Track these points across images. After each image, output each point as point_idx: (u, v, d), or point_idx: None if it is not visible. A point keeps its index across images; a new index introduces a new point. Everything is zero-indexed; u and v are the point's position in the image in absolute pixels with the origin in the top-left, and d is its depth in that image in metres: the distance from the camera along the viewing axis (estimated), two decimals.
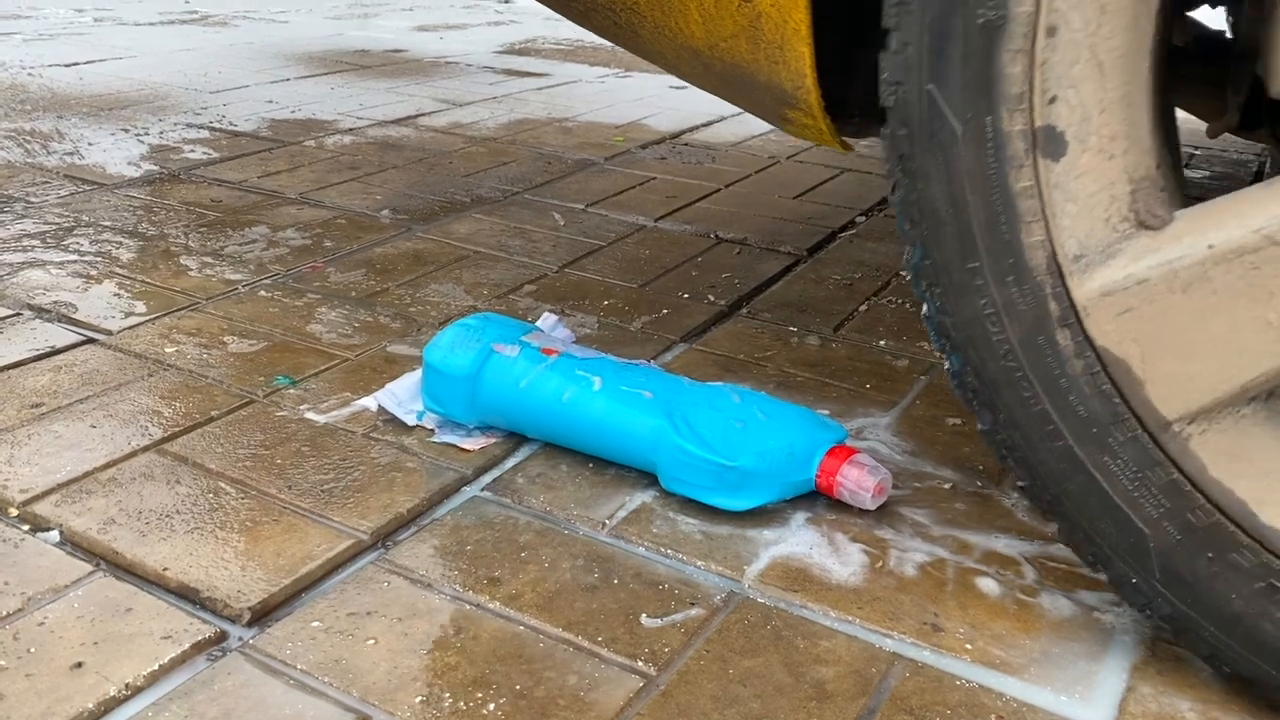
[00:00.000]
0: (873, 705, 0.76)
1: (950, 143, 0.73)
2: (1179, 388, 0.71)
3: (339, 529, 0.93)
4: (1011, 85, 0.70)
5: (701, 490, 0.97)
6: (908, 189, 0.76)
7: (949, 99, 0.72)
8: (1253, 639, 0.73)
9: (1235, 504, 0.71)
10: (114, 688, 0.75)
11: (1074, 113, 0.70)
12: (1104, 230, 0.72)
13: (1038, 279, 0.73)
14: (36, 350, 1.24)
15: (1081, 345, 0.73)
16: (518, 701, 0.75)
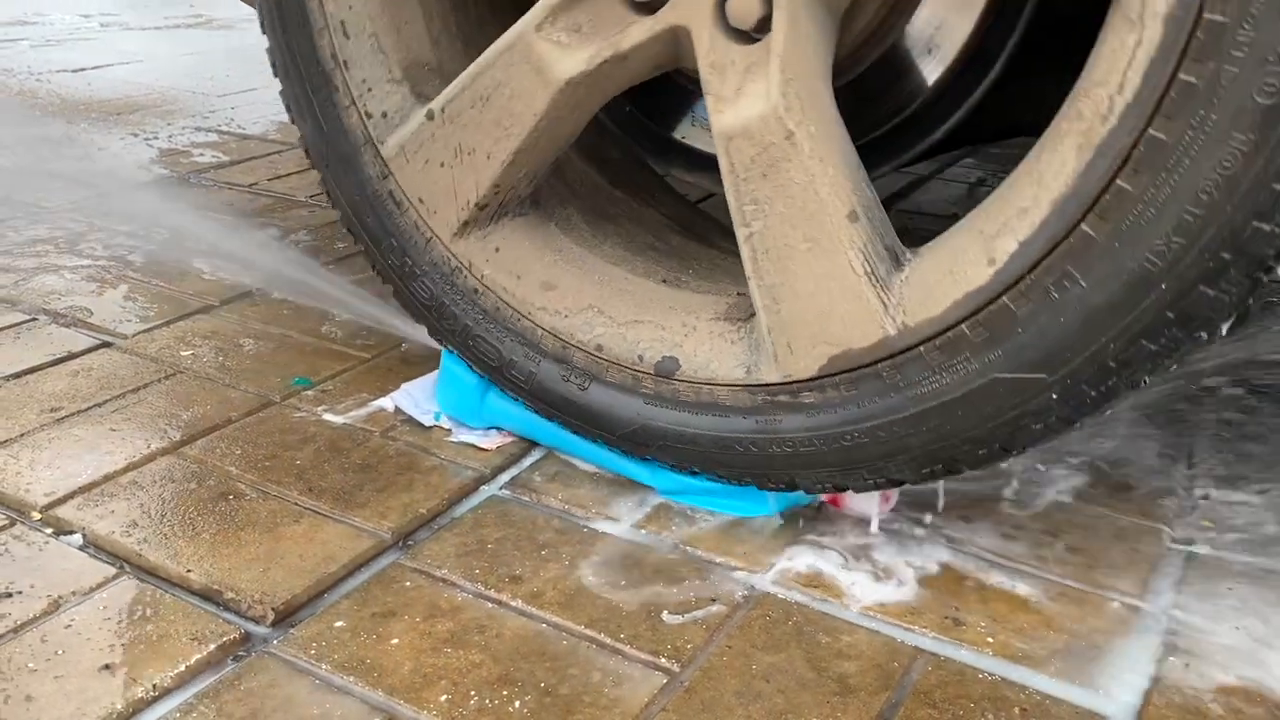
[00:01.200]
0: (896, 699, 0.77)
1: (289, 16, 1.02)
2: (445, 216, 1.00)
3: (360, 529, 0.94)
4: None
5: (703, 498, 0.97)
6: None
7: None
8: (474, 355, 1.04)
9: (502, 284, 1.01)
10: (142, 689, 0.76)
11: (349, 9, 0.98)
12: (397, 100, 1.01)
13: (359, 140, 1.02)
14: (54, 355, 1.24)
15: (398, 193, 1.02)
16: (543, 699, 0.76)
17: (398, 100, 1.01)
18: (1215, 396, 1.22)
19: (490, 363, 1.02)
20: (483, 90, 0.95)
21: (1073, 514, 0.98)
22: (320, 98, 1.03)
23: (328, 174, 1.06)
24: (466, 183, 0.98)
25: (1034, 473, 1.05)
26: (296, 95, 1.05)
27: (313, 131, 1.06)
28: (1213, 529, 0.97)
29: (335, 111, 1.03)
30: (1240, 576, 0.90)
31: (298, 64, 1.03)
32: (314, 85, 1.03)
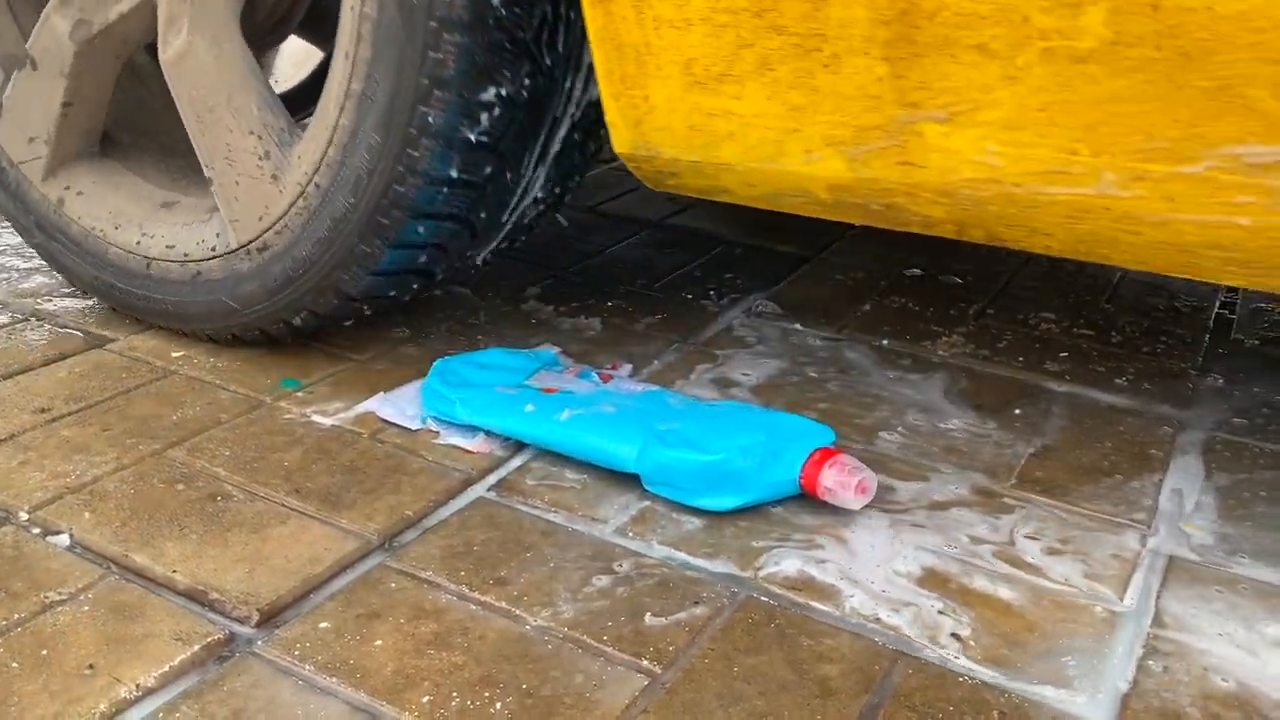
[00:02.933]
0: (876, 702, 0.77)
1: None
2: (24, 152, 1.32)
3: (346, 531, 0.94)
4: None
5: (684, 492, 0.97)
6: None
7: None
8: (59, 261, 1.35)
9: (80, 213, 1.31)
10: (126, 689, 0.76)
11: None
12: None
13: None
14: (45, 356, 1.25)
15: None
16: (524, 700, 0.76)
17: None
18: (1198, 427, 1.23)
19: (90, 270, 1.32)
20: (36, 57, 1.26)
21: (1055, 518, 0.99)
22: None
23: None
24: (39, 131, 1.29)
25: (1016, 473, 1.05)
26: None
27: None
28: (1196, 533, 0.97)
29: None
30: (1223, 582, 0.91)
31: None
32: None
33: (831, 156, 0.94)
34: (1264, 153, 0.78)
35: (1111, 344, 1.36)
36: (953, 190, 0.91)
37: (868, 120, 0.90)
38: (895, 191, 0.95)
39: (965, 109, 0.86)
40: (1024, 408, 1.19)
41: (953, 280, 1.57)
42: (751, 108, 0.95)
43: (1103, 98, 0.82)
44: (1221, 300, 1.53)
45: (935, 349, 1.33)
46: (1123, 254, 0.93)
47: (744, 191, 1.06)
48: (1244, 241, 0.84)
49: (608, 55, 0.99)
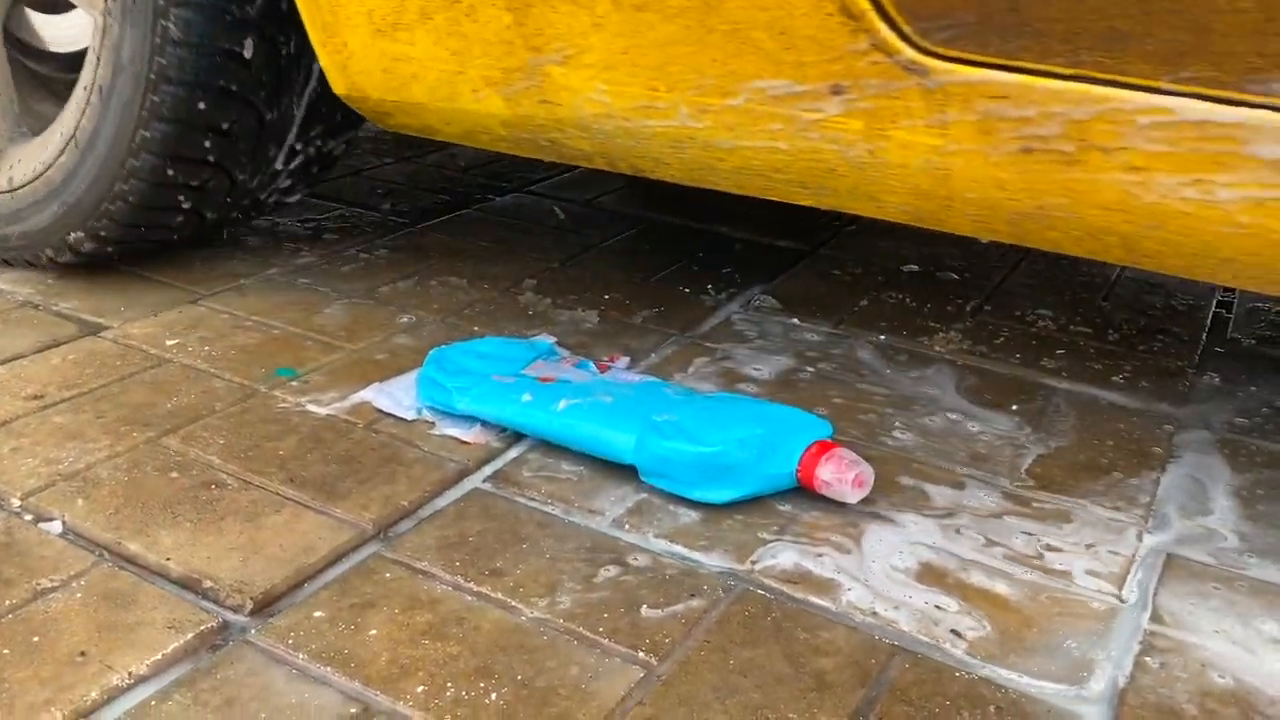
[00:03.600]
0: (872, 696, 0.77)
1: None
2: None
3: (341, 520, 0.94)
4: None
5: (681, 484, 0.97)
6: None
7: None
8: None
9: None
10: (118, 676, 0.75)
11: None
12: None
13: None
14: (38, 343, 1.24)
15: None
16: (520, 691, 0.76)
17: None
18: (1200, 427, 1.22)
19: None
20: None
21: (1053, 514, 0.99)
22: None
23: None
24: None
25: (1014, 470, 1.05)
26: None
27: None
28: (1193, 530, 0.97)
29: None
30: (1220, 579, 0.91)
31: None
32: None
33: (492, 95, 1.07)
34: (776, 86, 0.92)
35: (1109, 342, 1.36)
36: (587, 125, 1.04)
37: (509, 63, 1.04)
38: (548, 127, 1.08)
39: (573, 53, 1.00)
40: (1021, 404, 1.19)
41: (949, 276, 1.56)
42: (424, 53, 1.08)
43: (662, 41, 0.95)
44: (1218, 299, 1.53)
45: (933, 345, 1.33)
46: (721, 179, 1.07)
47: (445, 129, 1.20)
48: (789, 164, 0.98)
49: (308, 6, 1.12)
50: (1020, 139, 0.86)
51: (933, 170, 0.91)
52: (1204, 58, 0.77)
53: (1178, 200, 0.84)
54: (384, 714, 0.74)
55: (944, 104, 0.87)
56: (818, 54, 0.89)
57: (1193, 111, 0.79)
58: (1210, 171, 0.81)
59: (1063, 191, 0.88)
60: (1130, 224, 0.88)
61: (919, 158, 0.91)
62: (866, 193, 0.98)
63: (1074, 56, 0.81)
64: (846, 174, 0.97)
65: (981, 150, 0.88)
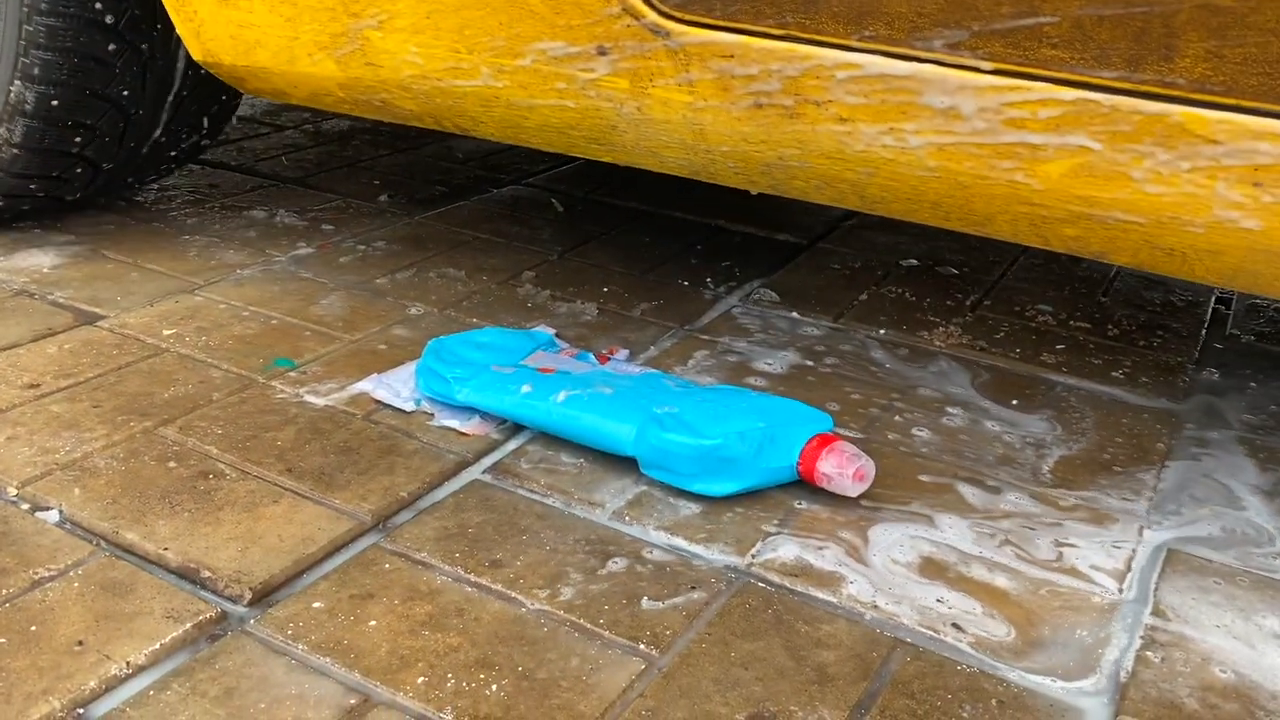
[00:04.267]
0: (874, 689, 0.77)
1: None
2: None
3: (339, 511, 0.93)
4: None
5: (681, 477, 0.97)
6: None
7: None
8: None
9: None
10: (116, 666, 0.75)
11: None
12: None
13: None
14: (35, 332, 1.23)
15: None
16: (520, 683, 0.75)
17: None
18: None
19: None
20: None
21: (1054, 509, 0.99)
22: None
23: None
24: None
25: (1014, 465, 1.05)
26: None
27: None
28: (1192, 526, 0.97)
29: None
30: (1221, 574, 0.91)
31: None
32: None
33: (325, 60, 1.14)
34: (554, 47, 0.99)
35: (1108, 337, 1.36)
36: (408, 85, 1.11)
37: (334, 28, 1.10)
38: (376, 88, 1.15)
39: (386, 18, 1.06)
40: (1019, 399, 1.19)
41: (949, 271, 1.56)
42: (262, 19, 1.15)
43: (458, 5, 1.01)
44: (1218, 295, 1.53)
45: (932, 340, 1.33)
46: (531, 136, 1.14)
47: (293, 92, 1.26)
48: (579, 121, 1.05)
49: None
50: (751, 94, 0.93)
51: (690, 125, 0.98)
52: (879, 18, 0.85)
53: (880, 148, 0.92)
54: (384, 705, 0.73)
55: (687, 64, 0.93)
56: (581, 17, 0.95)
57: (875, 66, 0.88)
58: (899, 121, 0.89)
59: (793, 143, 0.95)
60: (852, 172, 0.96)
61: (676, 114, 0.97)
62: (648, 148, 1.05)
63: (780, 18, 0.88)
64: (627, 130, 1.03)
65: (723, 106, 0.95)
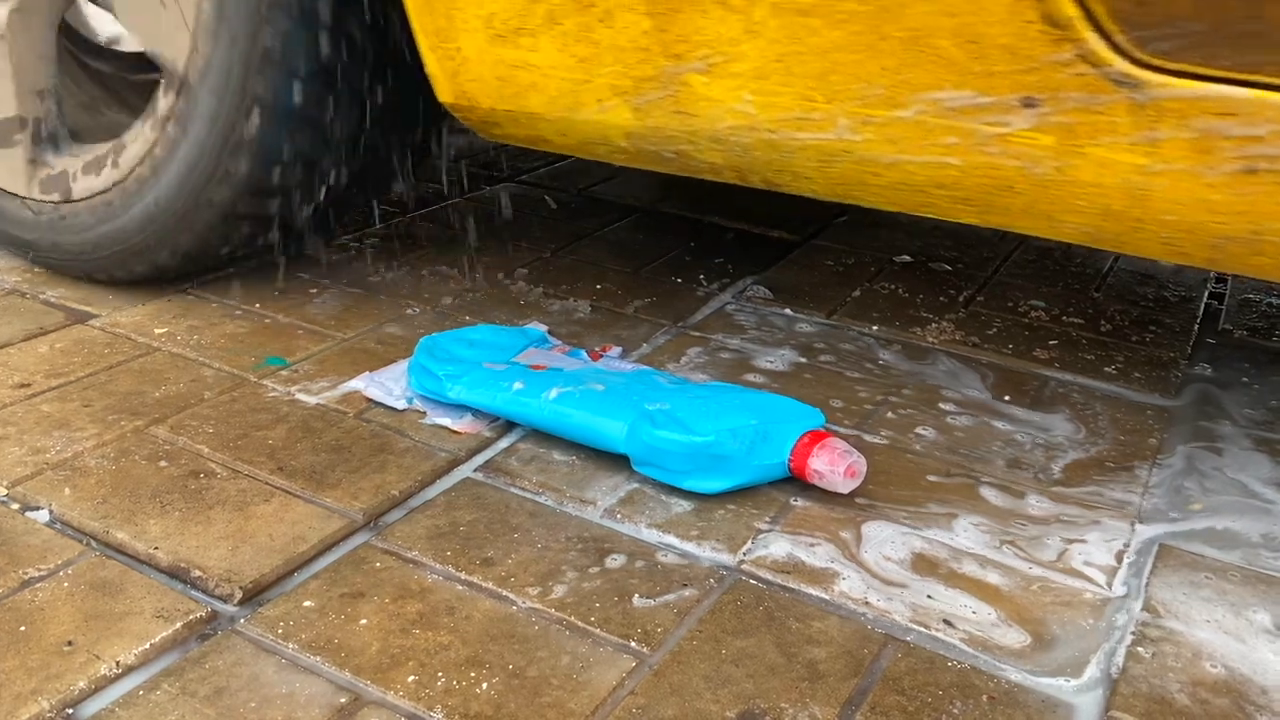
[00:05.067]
0: (865, 686, 0.77)
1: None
2: None
3: (331, 509, 0.93)
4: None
5: (673, 474, 0.96)
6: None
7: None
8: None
9: None
10: (105, 666, 0.75)
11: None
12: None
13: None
14: (25, 331, 1.23)
15: None
16: (511, 681, 0.75)
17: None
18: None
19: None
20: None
21: (1045, 504, 0.99)
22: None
23: None
24: None
25: (1005, 460, 1.05)
26: None
27: None
28: (1186, 521, 0.97)
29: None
30: (1212, 569, 0.91)
31: None
32: None
33: (620, 106, 1.02)
34: (956, 97, 0.87)
35: (1101, 332, 1.36)
36: (723, 137, 0.99)
37: (642, 71, 0.98)
38: (678, 139, 1.02)
39: (719, 60, 0.94)
40: (1011, 394, 1.19)
41: (942, 267, 1.56)
42: (547, 60, 1.02)
43: (826, 48, 0.89)
44: (1210, 290, 1.53)
45: (925, 336, 1.32)
46: (873, 195, 1.01)
47: (559, 140, 1.13)
48: (958, 181, 0.92)
49: (420, 10, 1.05)
50: (1244, 159, 0.80)
51: (1130, 191, 0.85)
52: None
53: None
54: (374, 704, 0.73)
55: (1155, 120, 0.80)
56: (1010, 64, 0.83)
57: None
58: None
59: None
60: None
61: (1116, 177, 0.85)
62: (1043, 212, 0.92)
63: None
64: (1024, 191, 0.91)
65: (1194, 170, 0.82)
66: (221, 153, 1.18)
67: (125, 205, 1.25)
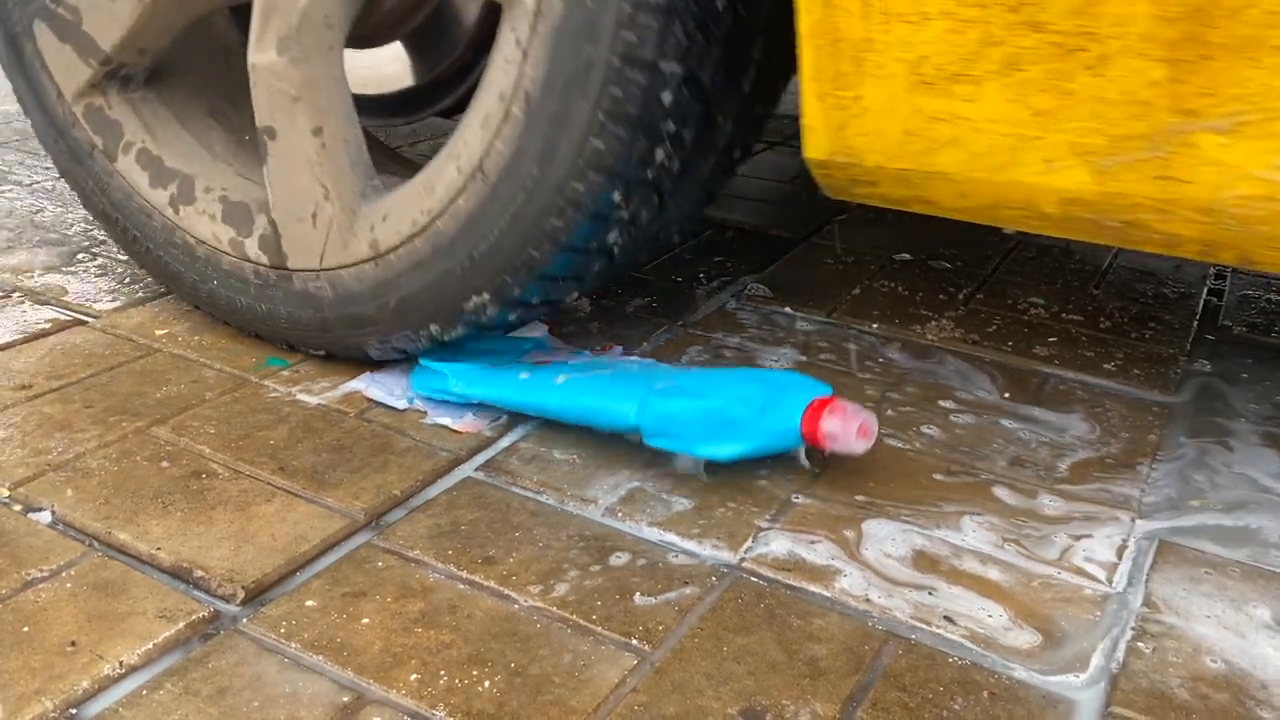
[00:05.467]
0: (866, 682, 0.77)
1: None
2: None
3: (332, 509, 0.93)
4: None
5: (686, 440, 0.96)
6: None
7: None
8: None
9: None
10: (108, 666, 0.75)
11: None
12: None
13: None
14: (26, 332, 1.23)
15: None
16: (513, 679, 0.76)
17: None
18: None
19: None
20: None
21: (1045, 501, 0.99)
22: None
23: None
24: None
25: (1005, 456, 1.05)
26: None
27: None
28: (1185, 517, 0.97)
29: None
30: (1212, 565, 0.91)
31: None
32: None
33: (1076, 168, 0.86)
34: None
35: (1100, 329, 1.36)
36: (1218, 208, 0.84)
37: (1129, 129, 0.83)
38: (1142, 207, 0.87)
39: (1255, 119, 0.79)
40: (1012, 392, 1.19)
41: (942, 265, 1.56)
42: (985, 112, 0.87)
43: None
44: (1210, 287, 1.53)
45: (925, 333, 1.33)
46: None
47: (952, 203, 0.98)
48: None
49: (819, 52, 0.90)
50: None
51: None
52: None
53: None
54: (377, 702, 0.73)
55: None
56: None
57: None
58: None
59: None
60: None
61: None
62: None
63: None
64: None
65: None
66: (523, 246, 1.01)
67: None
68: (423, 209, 1.03)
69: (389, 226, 1.05)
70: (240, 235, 1.15)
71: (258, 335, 1.21)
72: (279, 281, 1.13)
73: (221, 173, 1.20)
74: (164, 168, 1.20)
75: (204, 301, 1.22)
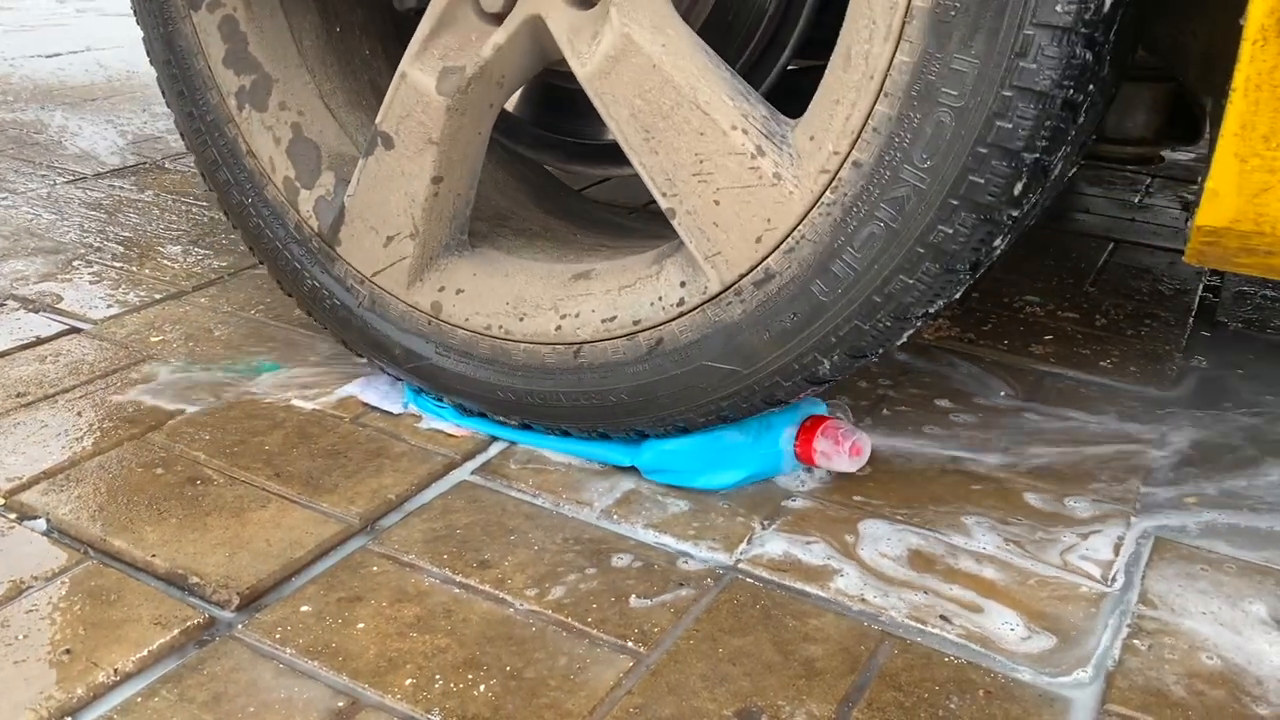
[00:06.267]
0: (861, 682, 0.77)
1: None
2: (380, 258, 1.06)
3: (327, 514, 0.93)
4: None
5: (685, 474, 0.97)
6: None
7: None
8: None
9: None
10: (104, 673, 0.75)
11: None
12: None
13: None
14: (21, 340, 1.23)
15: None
16: (508, 682, 0.75)
17: None
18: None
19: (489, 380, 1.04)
20: (391, 131, 1.01)
21: (1041, 499, 0.99)
22: None
23: None
24: (400, 225, 1.04)
25: (1001, 454, 1.05)
26: None
27: None
28: (1180, 514, 0.97)
29: None
30: (1208, 561, 0.91)
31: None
32: None
33: None
34: None
35: (1096, 327, 1.36)
36: None
37: None
38: None
39: None
40: (1009, 389, 1.19)
41: None
42: None
43: None
44: (1205, 284, 1.53)
45: (921, 331, 1.32)
46: None
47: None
48: None
49: (1254, 107, 0.78)
50: None
51: None
52: None
53: None
54: (372, 707, 0.73)
55: None
56: None
57: None
58: None
59: None
60: None
61: None
62: None
63: None
64: None
65: None
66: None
67: None
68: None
69: (466, 303, 1.02)
70: (298, 181, 1.07)
71: (251, 252, 1.16)
72: (320, 250, 1.08)
73: (303, 87, 1.08)
74: (246, 52, 1.07)
75: (220, 188, 1.12)
